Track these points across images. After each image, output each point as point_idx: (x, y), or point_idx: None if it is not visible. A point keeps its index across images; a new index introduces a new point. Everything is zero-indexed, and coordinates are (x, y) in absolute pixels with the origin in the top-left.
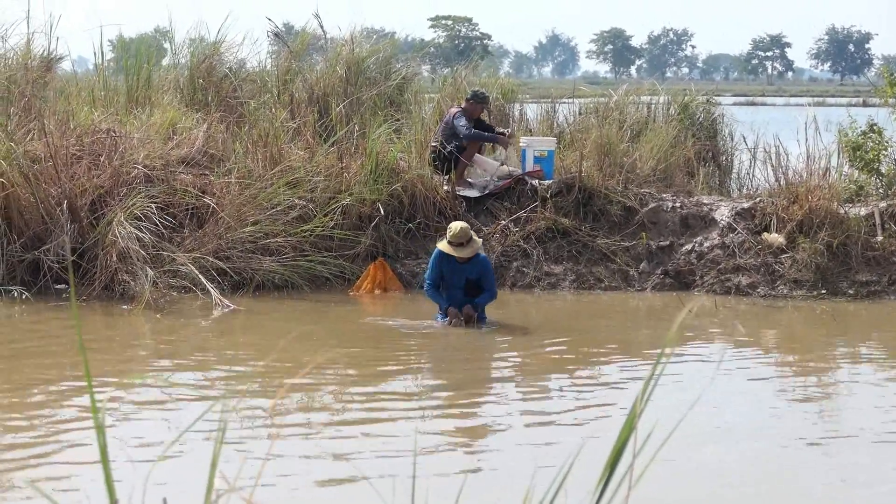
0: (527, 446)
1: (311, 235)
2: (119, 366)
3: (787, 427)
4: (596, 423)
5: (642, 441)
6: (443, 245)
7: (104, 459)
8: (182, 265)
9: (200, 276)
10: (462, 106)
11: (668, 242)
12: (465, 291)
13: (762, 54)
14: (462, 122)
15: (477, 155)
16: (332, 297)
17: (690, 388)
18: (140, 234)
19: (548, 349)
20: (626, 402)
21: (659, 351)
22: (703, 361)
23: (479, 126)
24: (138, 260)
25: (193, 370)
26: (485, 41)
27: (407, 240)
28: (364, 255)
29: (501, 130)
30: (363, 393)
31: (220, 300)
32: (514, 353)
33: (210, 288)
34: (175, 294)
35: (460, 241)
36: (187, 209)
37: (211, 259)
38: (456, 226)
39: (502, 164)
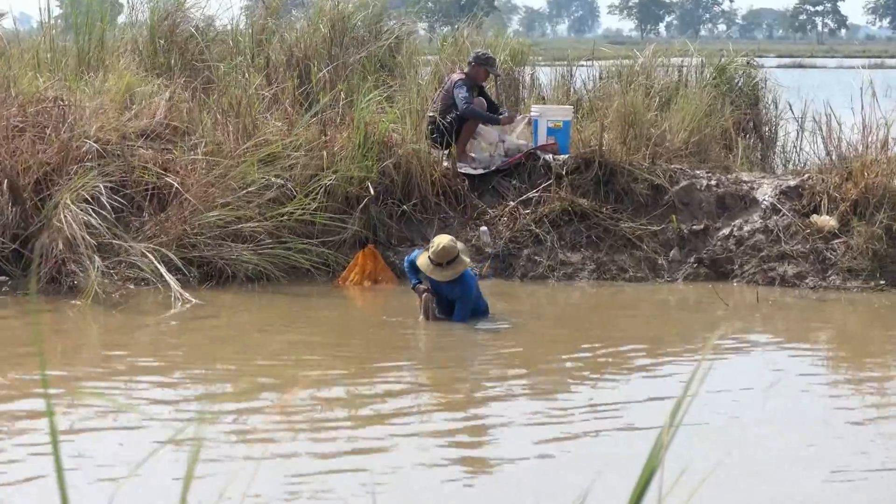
0: (534, 476)
1: (289, 219)
2: (67, 370)
3: (843, 454)
4: (615, 447)
5: (669, 483)
6: (422, 260)
7: (60, 481)
8: (138, 255)
9: (160, 266)
10: (465, 71)
11: (702, 226)
12: (441, 308)
13: (811, 9)
14: (462, 94)
15: (481, 127)
16: (315, 290)
17: (725, 409)
18: (90, 218)
19: (563, 350)
20: (652, 420)
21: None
22: (741, 373)
23: (481, 95)
24: (86, 248)
25: (152, 375)
26: None
27: (400, 224)
28: (351, 242)
29: (507, 113)
30: (351, 402)
31: (180, 293)
32: (524, 355)
33: (169, 279)
34: (133, 287)
35: (440, 262)
36: (147, 190)
37: (174, 247)
38: (440, 241)
39: (502, 142)
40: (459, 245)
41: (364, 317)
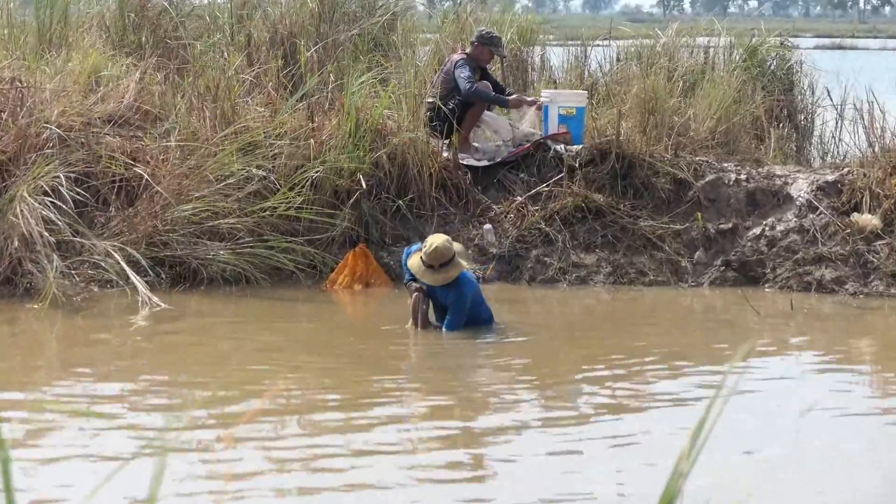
0: None
1: (272, 215)
2: (23, 377)
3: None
4: (632, 470)
5: None
6: (413, 261)
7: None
8: (101, 254)
9: (126, 267)
10: (467, 51)
11: (730, 225)
12: (437, 315)
13: None
14: (465, 74)
15: (486, 113)
16: (299, 295)
17: (749, 441)
18: (49, 212)
19: (575, 366)
20: (674, 446)
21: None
22: (769, 395)
23: (485, 77)
24: (44, 246)
25: (115, 387)
26: None
27: (395, 221)
28: (340, 241)
29: (518, 96)
30: (340, 424)
31: (147, 297)
32: (531, 371)
33: (136, 281)
34: (96, 289)
35: (433, 264)
36: (114, 181)
37: (143, 246)
38: (433, 242)
39: (517, 127)
40: (456, 246)
41: (353, 325)
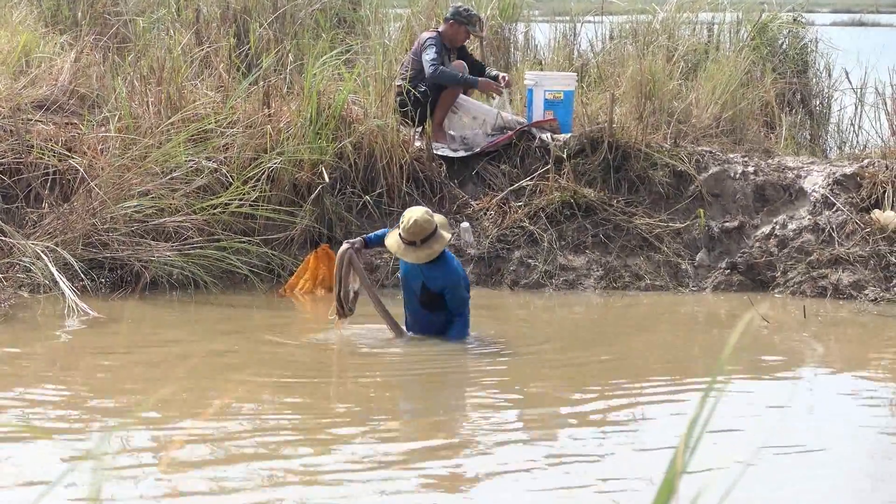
0: None
1: (224, 212)
2: None
3: None
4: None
5: None
6: (391, 240)
7: None
8: (28, 256)
9: (54, 270)
10: (439, 29)
11: (736, 223)
12: (423, 303)
13: None
14: (430, 56)
15: (463, 97)
16: (255, 301)
17: (749, 484)
18: None
19: (562, 381)
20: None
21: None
22: (779, 405)
23: (462, 57)
24: None
25: (47, 402)
26: None
27: (362, 218)
28: (300, 241)
29: (495, 73)
30: (297, 445)
31: (76, 303)
32: (511, 387)
33: (64, 286)
34: (27, 295)
35: (413, 240)
36: (47, 174)
37: (79, 246)
38: (412, 215)
39: (499, 112)
40: (438, 218)
41: (313, 335)
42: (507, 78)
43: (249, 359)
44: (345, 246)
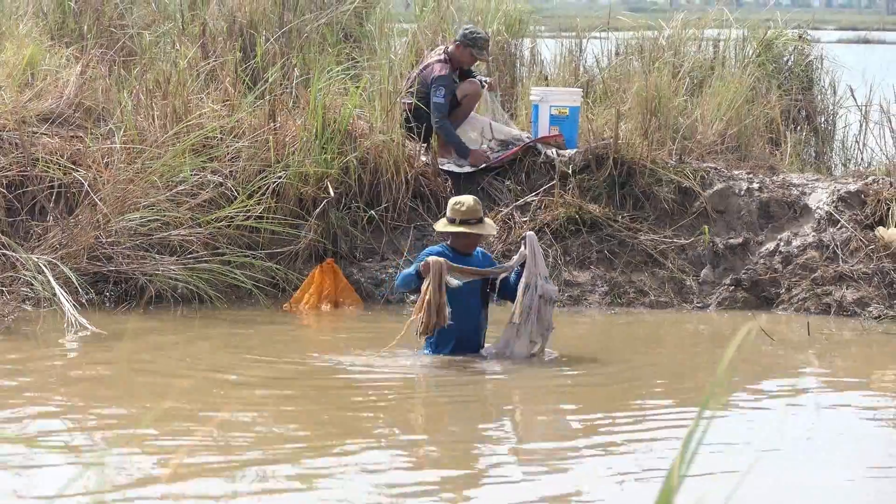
0: None
1: (228, 226)
2: None
3: None
4: None
5: None
6: (445, 227)
7: None
8: (33, 269)
9: (54, 283)
10: (448, 49)
11: (740, 240)
12: (484, 302)
13: None
14: (438, 97)
15: (473, 114)
16: (259, 316)
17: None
18: None
19: (565, 401)
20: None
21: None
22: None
23: (465, 77)
24: None
25: (49, 415)
26: None
27: (367, 234)
28: (305, 256)
29: (480, 77)
30: (300, 460)
31: (75, 318)
32: (519, 401)
33: (63, 300)
34: (29, 309)
35: (470, 219)
36: (52, 187)
37: (84, 259)
38: (464, 200)
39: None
40: None
41: (319, 351)
42: (490, 82)
43: (253, 374)
44: (439, 259)
